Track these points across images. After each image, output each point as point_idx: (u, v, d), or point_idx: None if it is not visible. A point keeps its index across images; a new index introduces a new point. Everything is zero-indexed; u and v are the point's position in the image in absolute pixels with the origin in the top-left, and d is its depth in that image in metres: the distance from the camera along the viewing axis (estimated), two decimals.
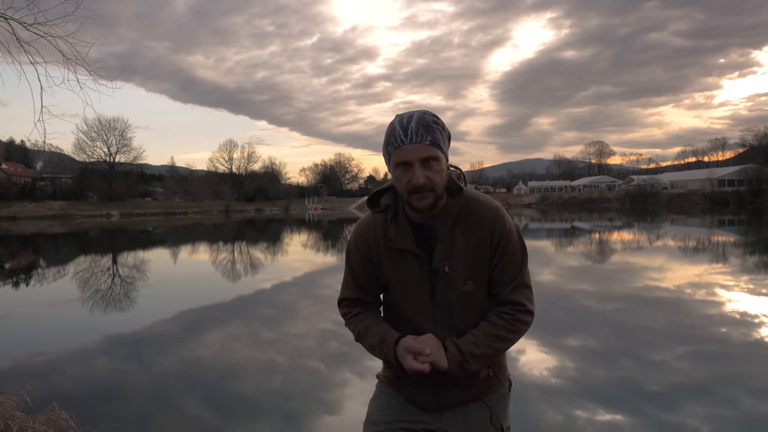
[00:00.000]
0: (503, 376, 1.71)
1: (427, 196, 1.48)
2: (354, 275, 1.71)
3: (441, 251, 1.55)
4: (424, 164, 1.46)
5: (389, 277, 1.64)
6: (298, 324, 7.03)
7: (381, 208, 1.63)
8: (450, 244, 1.55)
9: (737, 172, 66.79)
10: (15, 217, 51.77)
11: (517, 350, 5.36)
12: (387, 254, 1.62)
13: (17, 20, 4.33)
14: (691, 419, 3.74)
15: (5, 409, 3.26)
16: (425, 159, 1.46)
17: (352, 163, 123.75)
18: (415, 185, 1.46)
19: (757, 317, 6.72)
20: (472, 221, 1.56)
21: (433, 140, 1.46)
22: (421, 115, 1.48)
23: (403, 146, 1.46)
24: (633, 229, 26.20)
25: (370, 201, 1.66)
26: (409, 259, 1.58)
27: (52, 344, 6.19)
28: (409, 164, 1.47)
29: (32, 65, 4.47)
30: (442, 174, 1.50)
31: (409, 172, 1.47)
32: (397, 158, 1.48)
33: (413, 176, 1.46)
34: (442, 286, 1.56)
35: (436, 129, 1.48)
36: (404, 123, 1.48)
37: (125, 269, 14.30)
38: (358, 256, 1.68)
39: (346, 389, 4.50)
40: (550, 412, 3.91)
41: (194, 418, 3.99)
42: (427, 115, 1.50)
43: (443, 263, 1.55)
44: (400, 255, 1.60)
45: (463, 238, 1.55)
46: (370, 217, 1.68)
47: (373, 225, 1.65)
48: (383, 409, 1.71)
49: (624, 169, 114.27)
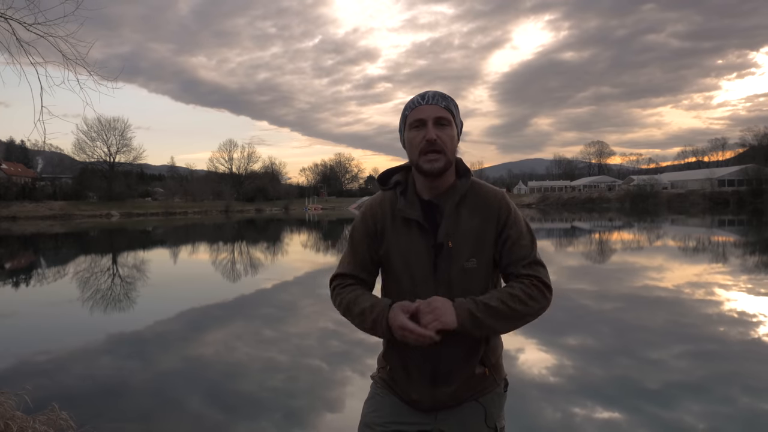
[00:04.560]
0: (499, 376, 1.70)
1: (438, 158, 1.55)
2: (354, 251, 1.71)
3: (446, 226, 1.57)
4: (437, 124, 1.56)
5: (391, 251, 1.63)
6: (299, 323, 7.04)
7: (391, 185, 1.69)
8: (455, 220, 1.58)
9: (737, 172, 66.72)
10: (15, 217, 51.70)
11: (516, 349, 5.37)
12: (392, 225, 1.64)
13: (17, 20, 4.34)
14: (689, 417, 3.76)
15: (5, 409, 3.27)
16: (438, 118, 1.56)
17: (352, 163, 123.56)
18: (428, 140, 1.54)
19: (755, 317, 6.73)
20: (477, 201, 1.62)
21: (446, 106, 1.58)
22: (437, 91, 1.62)
23: (419, 106, 1.58)
24: (633, 229, 26.20)
25: (381, 179, 1.73)
26: (414, 231, 1.60)
27: (53, 344, 6.20)
28: (423, 122, 1.56)
29: (32, 65, 4.48)
30: (453, 140, 1.59)
31: (423, 130, 1.56)
32: (412, 117, 1.58)
33: (427, 132, 1.55)
34: (445, 262, 1.57)
35: (450, 100, 1.61)
36: (422, 93, 1.61)
37: (125, 269, 14.31)
38: (362, 230, 1.69)
39: (347, 387, 4.52)
40: (548, 409, 3.92)
41: (196, 416, 4.00)
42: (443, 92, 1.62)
43: (447, 238, 1.57)
44: (406, 226, 1.62)
45: (469, 217, 1.59)
46: (380, 194, 1.73)
47: (381, 199, 1.71)
48: (377, 411, 1.71)
49: (624, 169, 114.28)
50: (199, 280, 12.04)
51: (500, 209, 1.60)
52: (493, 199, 1.62)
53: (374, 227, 1.67)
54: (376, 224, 1.67)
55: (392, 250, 1.64)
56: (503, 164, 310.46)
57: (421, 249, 1.59)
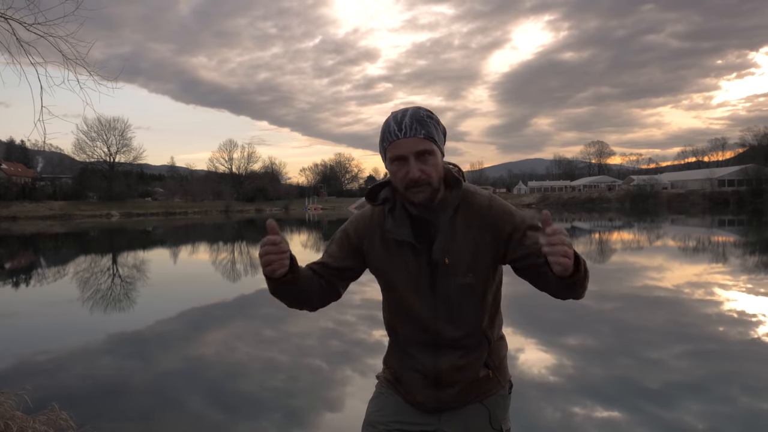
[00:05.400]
0: (504, 378, 1.69)
1: (424, 190, 1.47)
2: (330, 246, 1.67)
3: (441, 243, 1.52)
4: (419, 158, 1.46)
5: (385, 269, 1.61)
6: (299, 323, 7.04)
7: (379, 202, 1.62)
8: (451, 235, 1.53)
9: (737, 172, 66.71)
10: (15, 217, 51.70)
11: (516, 349, 5.37)
12: (382, 244, 1.60)
13: (17, 20, 4.34)
14: (688, 417, 3.77)
15: (5, 409, 3.27)
16: (420, 152, 1.46)
17: (352, 163, 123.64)
18: (411, 179, 1.46)
19: (755, 316, 6.73)
20: (471, 211, 1.55)
21: (427, 134, 1.46)
22: (415, 111, 1.49)
23: (397, 141, 1.46)
24: (633, 229, 26.20)
25: (369, 195, 1.64)
26: (407, 251, 1.56)
27: (53, 344, 6.20)
28: (404, 158, 1.46)
29: (32, 65, 4.48)
30: (438, 167, 1.50)
31: (405, 167, 1.47)
32: (392, 153, 1.48)
33: (409, 170, 1.46)
34: (443, 278, 1.54)
35: (430, 123, 1.48)
36: (398, 118, 1.48)
37: (125, 269, 14.31)
38: (345, 234, 1.66)
39: (347, 387, 4.52)
40: (548, 409, 3.93)
41: (197, 416, 4.01)
42: (421, 110, 1.50)
43: (444, 255, 1.52)
44: (397, 247, 1.57)
45: (464, 229, 1.54)
46: (369, 209, 1.67)
47: (370, 215, 1.65)
48: (381, 410, 1.70)
49: (624, 169, 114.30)
50: (200, 280, 12.04)
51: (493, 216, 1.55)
52: (483, 206, 1.56)
53: (358, 242, 1.63)
54: (361, 240, 1.63)
55: (386, 269, 1.61)
56: (503, 164, 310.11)
57: (416, 268, 1.55)
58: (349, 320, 6.93)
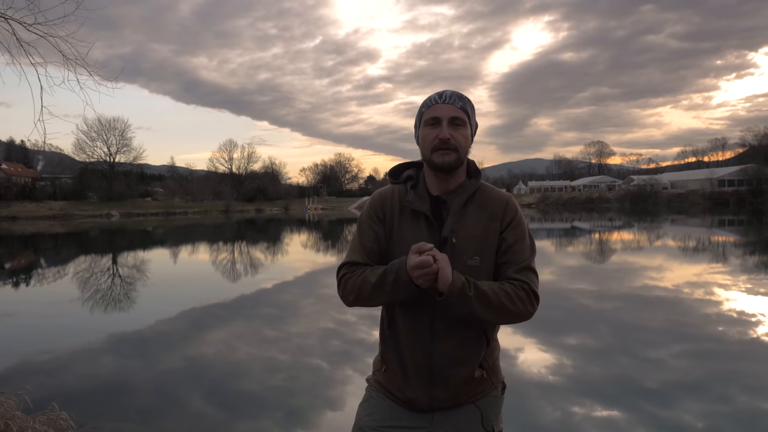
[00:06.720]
0: (496, 379, 1.69)
1: (450, 154, 1.58)
2: (362, 238, 1.67)
3: (452, 222, 1.59)
4: (451, 123, 1.59)
5: (397, 241, 1.63)
6: (299, 322, 7.05)
7: (402, 179, 1.71)
8: (461, 217, 1.61)
9: (737, 172, 66.71)
10: (15, 217, 51.68)
11: (515, 348, 5.38)
12: (400, 216, 1.65)
13: (17, 20, 4.34)
14: (687, 416, 3.78)
15: (5, 409, 3.27)
16: (453, 118, 1.59)
17: (352, 163, 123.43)
18: (441, 138, 1.57)
19: (755, 316, 6.75)
20: (485, 201, 1.65)
21: (463, 106, 1.61)
22: (455, 90, 1.66)
23: (436, 105, 1.61)
24: (633, 229, 26.21)
25: (392, 173, 1.74)
26: (422, 223, 1.62)
27: (53, 344, 6.21)
28: (438, 121, 1.60)
29: (32, 66, 4.49)
30: (466, 140, 1.63)
31: (437, 129, 1.60)
32: (428, 115, 1.62)
33: (440, 131, 1.58)
34: (450, 256, 1.53)
35: (467, 102, 1.64)
36: (440, 92, 1.65)
37: (126, 269, 14.32)
38: (369, 216, 1.68)
39: (347, 386, 4.53)
40: (547, 408, 3.93)
41: (197, 415, 4.01)
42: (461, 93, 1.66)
43: (452, 234, 1.58)
44: (414, 218, 1.63)
45: (475, 215, 1.62)
46: (389, 186, 1.74)
47: (391, 191, 1.72)
48: (372, 414, 1.68)
49: (624, 169, 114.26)
50: (200, 279, 12.04)
51: (506, 209, 1.63)
52: (501, 200, 1.65)
53: (382, 213, 1.68)
54: (384, 211, 1.68)
55: (398, 240, 1.63)
56: (503, 164, 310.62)
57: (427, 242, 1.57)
58: (349, 320, 6.94)
